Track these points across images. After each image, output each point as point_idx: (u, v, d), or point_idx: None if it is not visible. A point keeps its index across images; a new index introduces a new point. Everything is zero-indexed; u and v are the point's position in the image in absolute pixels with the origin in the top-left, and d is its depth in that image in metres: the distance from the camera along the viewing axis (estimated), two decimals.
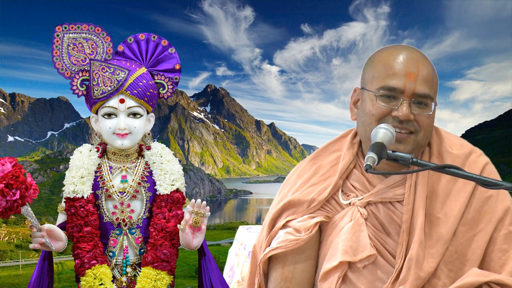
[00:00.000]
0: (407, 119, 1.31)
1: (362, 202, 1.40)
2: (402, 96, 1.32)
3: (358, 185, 1.44)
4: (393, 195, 1.37)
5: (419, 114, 1.33)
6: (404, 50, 1.36)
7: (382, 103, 1.34)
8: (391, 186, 1.39)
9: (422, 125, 1.33)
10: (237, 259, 2.19)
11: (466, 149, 1.42)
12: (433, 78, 1.35)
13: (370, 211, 1.39)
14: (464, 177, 1.15)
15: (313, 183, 1.49)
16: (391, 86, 1.32)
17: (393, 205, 1.38)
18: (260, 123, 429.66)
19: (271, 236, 1.50)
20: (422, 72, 1.32)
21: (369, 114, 1.36)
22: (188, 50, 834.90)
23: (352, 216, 1.39)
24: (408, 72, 1.31)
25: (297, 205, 1.47)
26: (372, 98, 1.35)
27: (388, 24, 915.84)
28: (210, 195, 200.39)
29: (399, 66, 1.33)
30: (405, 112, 1.30)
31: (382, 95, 1.34)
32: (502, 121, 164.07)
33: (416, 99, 1.32)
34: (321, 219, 1.43)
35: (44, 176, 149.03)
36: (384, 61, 1.36)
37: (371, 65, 1.40)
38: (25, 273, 55.79)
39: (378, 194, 1.39)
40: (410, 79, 1.31)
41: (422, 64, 1.34)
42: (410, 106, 1.31)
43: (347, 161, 1.46)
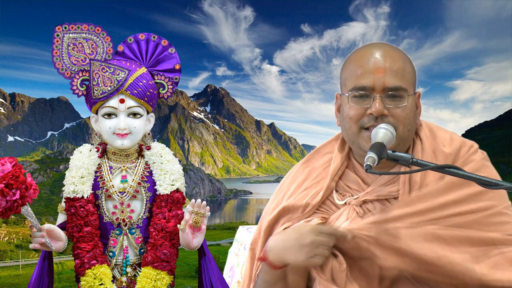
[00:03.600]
0: (381, 114, 1.30)
1: (358, 201, 1.40)
2: (373, 92, 1.31)
3: (352, 184, 1.44)
4: (388, 192, 1.38)
5: (394, 107, 1.31)
6: (374, 47, 1.35)
7: (355, 104, 1.33)
8: (386, 183, 1.39)
9: (399, 118, 1.31)
10: (237, 259, 2.19)
11: (456, 144, 1.41)
12: (404, 69, 1.33)
13: (366, 209, 1.40)
14: (464, 177, 1.15)
15: (306, 186, 1.49)
16: (361, 85, 1.32)
17: (389, 202, 1.38)
18: (260, 123, 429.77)
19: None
20: (391, 65, 1.31)
21: (347, 118, 1.35)
22: (188, 50, 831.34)
23: (348, 215, 1.40)
24: (376, 68, 1.31)
25: (292, 211, 1.47)
26: (347, 101, 1.36)
27: (388, 24, 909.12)
28: (210, 195, 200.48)
29: (367, 64, 1.32)
30: (378, 108, 1.29)
31: (354, 96, 1.34)
32: (502, 121, 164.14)
33: (388, 92, 1.31)
34: (317, 221, 1.43)
35: (44, 176, 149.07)
36: (354, 62, 1.36)
37: (343, 69, 1.41)
38: (25, 273, 55.81)
39: (374, 192, 1.39)
40: (378, 74, 1.30)
41: (391, 57, 1.32)
42: (383, 101, 1.30)
43: (338, 163, 1.46)
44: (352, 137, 1.36)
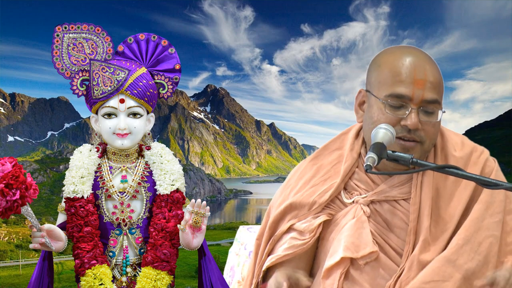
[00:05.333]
0: (416, 128, 1.30)
1: (366, 200, 1.40)
2: (411, 103, 1.30)
3: (361, 184, 1.44)
4: (397, 194, 1.38)
5: (426, 122, 1.32)
6: (411, 54, 1.34)
7: (391, 113, 1.32)
8: (395, 185, 1.39)
9: (428, 134, 1.33)
10: (237, 259, 2.19)
11: (467, 149, 1.41)
12: (439, 82, 1.34)
13: (373, 208, 1.40)
14: (464, 177, 1.15)
15: (314, 183, 1.48)
16: (400, 93, 1.31)
17: (397, 203, 1.38)
18: (260, 123, 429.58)
19: (274, 240, 1.50)
20: (430, 78, 1.31)
21: (378, 123, 1.33)
22: (188, 50, 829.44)
23: (355, 214, 1.40)
24: (416, 80, 1.30)
25: (298, 207, 1.47)
26: (380, 107, 1.34)
27: (388, 24, 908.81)
28: (210, 195, 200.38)
29: (406, 72, 1.31)
30: (414, 121, 1.29)
31: (391, 105, 1.32)
32: (502, 121, 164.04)
33: (425, 106, 1.31)
34: (324, 218, 1.43)
35: (44, 176, 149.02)
36: (391, 67, 1.34)
37: (377, 69, 1.38)
38: (25, 273, 55.78)
39: (382, 192, 1.39)
40: (418, 86, 1.30)
41: (430, 70, 1.32)
42: (418, 115, 1.31)
43: (349, 164, 1.45)
44: None
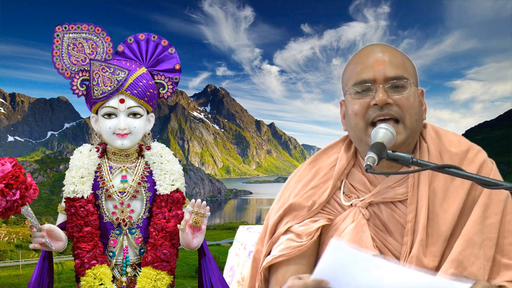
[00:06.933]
0: (385, 102, 1.30)
1: (364, 203, 1.39)
2: (375, 84, 1.32)
3: (358, 185, 1.44)
4: (394, 195, 1.37)
5: (397, 96, 1.32)
6: (372, 46, 1.39)
7: (359, 99, 1.35)
8: (392, 185, 1.38)
9: (404, 107, 1.32)
10: (237, 259, 2.19)
11: (463, 147, 1.41)
12: (404, 62, 1.36)
13: (372, 211, 1.39)
14: (464, 177, 1.14)
15: (313, 186, 1.48)
16: (363, 79, 1.34)
17: (395, 205, 1.38)
18: (260, 123, 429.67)
19: (272, 242, 1.50)
20: (390, 58, 1.34)
21: (353, 115, 1.36)
22: (188, 50, 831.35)
23: (354, 217, 1.39)
24: (375, 61, 1.33)
25: (297, 209, 1.46)
26: (350, 98, 1.37)
27: (388, 24, 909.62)
28: (210, 195, 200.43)
29: (366, 60, 1.35)
30: (381, 97, 1.30)
31: (357, 92, 1.35)
32: (502, 121, 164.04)
33: (390, 82, 1.32)
34: (323, 223, 1.42)
35: (44, 176, 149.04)
36: (353, 62, 1.39)
37: (344, 72, 1.44)
38: (25, 273, 55.80)
39: (379, 194, 1.38)
40: (378, 66, 1.32)
41: (389, 52, 1.35)
42: (385, 91, 1.32)
43: (343, 163, 1.46)
44: (359, 134, 1.35)
